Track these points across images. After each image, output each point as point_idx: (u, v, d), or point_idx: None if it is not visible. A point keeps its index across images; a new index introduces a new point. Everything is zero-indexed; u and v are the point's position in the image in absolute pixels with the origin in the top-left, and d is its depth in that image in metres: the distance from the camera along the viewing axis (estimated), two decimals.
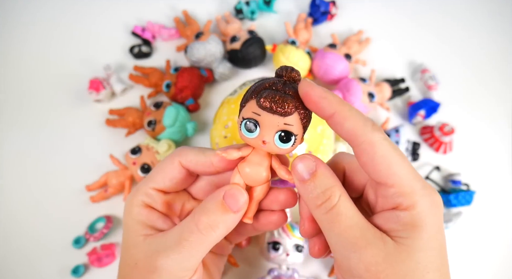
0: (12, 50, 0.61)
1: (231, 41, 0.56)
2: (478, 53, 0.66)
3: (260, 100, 0.21)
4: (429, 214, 0.20)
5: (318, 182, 0.21)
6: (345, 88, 0.53)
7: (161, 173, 0.26)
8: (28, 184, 0.50)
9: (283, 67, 0.23)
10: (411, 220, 0.19)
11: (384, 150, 0.20)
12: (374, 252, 0.18)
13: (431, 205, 0.20)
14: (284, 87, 0.21)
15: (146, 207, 0.25)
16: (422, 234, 0.19)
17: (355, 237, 0.19)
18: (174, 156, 0.25)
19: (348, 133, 0.20)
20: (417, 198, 0.19)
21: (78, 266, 0.45)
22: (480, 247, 0.51)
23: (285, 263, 0.43)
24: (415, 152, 0.53)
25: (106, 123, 0.52)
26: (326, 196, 0.20)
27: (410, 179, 0.20)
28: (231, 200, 0.23)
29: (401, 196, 0.20)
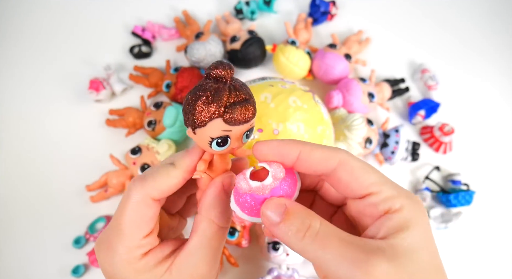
0: (12, 50, 0.61)
1: (231, 41, 0.56)
2: (478, 53, 0.66)
3: (231, 119, 0.21)
4: (418, 214, 0.20)
5: (293, 217, 0.20)
6: (345, 88, 0.53)
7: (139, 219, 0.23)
8: (28, 184, 0.50)
9: (219, 66, 0.20)
10: (404, 220, 0.20)
11: (358, 163, 0.21)
12: (376, 261, 0.18)
13: (417, 205, 0.21)
14: (237, 93, 0.21)
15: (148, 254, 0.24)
16: (415, 232, 0.19)
17: (352, 252, 0.18)
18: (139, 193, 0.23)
19: (319, 161, 0.21)
20: (403, 200, 0.20)
21: (78, 266, 0.45)
22: (480, 247, 0.51)
23: (285, 263, 0.43)
24: (415, 152, 0.53)
25: (106, 123, 0.52)
26: (306, 226, 0.20)
27: (390, 184, 0.21)
28: (230, 186, 0.25)
29: (389, 200, 0.20)
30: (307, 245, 0.19)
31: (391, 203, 0.20)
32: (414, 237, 0.19)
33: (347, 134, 0.49)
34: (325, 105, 0.48)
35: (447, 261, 0.51)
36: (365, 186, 0.21)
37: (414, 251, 0.19)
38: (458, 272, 0.49)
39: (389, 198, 0.20)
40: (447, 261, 0.52)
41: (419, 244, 0.19)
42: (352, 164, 0.21)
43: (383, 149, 0.53)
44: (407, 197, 0.21)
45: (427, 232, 0.20)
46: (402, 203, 0.20)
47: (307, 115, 0.41)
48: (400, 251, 0.19)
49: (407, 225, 0.19)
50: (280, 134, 0.39)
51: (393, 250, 0.19)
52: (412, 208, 0.20)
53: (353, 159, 0.21)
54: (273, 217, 0.20)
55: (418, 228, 0.20)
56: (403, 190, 0.21)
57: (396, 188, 0.21)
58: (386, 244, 0.19)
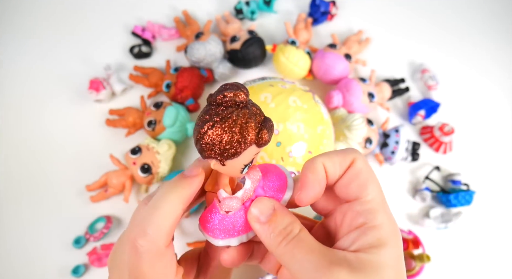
0: (12, 50, 0.61)
1: (231, 41, 0.56)
2: (478, 53, 0.66)
3: (264, 142, 0.20)
4: (394, 236, 0.20)
5: (278, 220, 0.21)
6: (345, 88, 0.53)
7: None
8: (28, 183, 0.50)
9: (232, 89, 0.19)
10: (378, 238, 0.20)
11: (365, 166, 0.22)
12: (338, 271, 0.19)
13: (395, 229, 0.21)
14: (259, 114, 0.20)
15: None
16: (386, 252, 0.20)
17: (318, 260, 0.19)
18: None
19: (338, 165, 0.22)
20: (386, 219, 0.21)
21: (78, 266, 0.45)
22: (480, 247, 0.51)
23: None
24: (415, 152, 0.53)
25: (106, 123, 0.52)
26: (288, 231, 0.21)
27: (380, 199, 0.21)
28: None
29: (371, 213, 0.21)
30: (281, 248, 0.21)
31: (371, 216, 0.20)
32: (384, 255, 0.19)
33: (347, 134, 0.49)
34: (325, 105, 0.48)
35: (447, 261, 0.51)
36: (359, 188, 0.21)
37: (380, 268, 0.19)
38: (458, 272, 0.49)
39: (372, 211, 0.21)
40: (447, 261, 0.52)
41: (387, 263, 0.19)
42: (359, 165, 0.22)
43: (383, 149, 0.53)
44: (389, 219, 0.21)
45: (398, 254, 0.20)
46: (382, 220, 0.20)
47: (307, 115, 0.41)
48: (366, 265, 0.19)
49: (381, 243, 0.20)
50: (280, 134, 0.39)
51: (360, 264, 0.19)
52: (388, 229, 0.20)
53: (362, 159, 0.22)
54: (260, 217, 0.21)
55: (390, 248, 0.20)
56: (386, 208, 0.21)
57: (383, 204, 0.21)
58: (355, 257, 0.19)
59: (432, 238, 0.50)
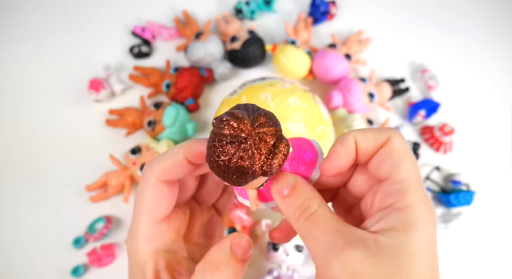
0: (12, 50, 0.61)
1: (231, 41, 0.56)
2: (479, 53, 0.66)
3: (269, 172, 0.19)
4: (425, 222, 0.19)
5: (297, 195, 0.21)
6: (345, 88, 0.53)
7: (149, 202, 0.23)
8: (28, 184, 0.50)
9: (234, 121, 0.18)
10: (404, 221, 0.19)
11: (402, 144, 0.21)
12: (352, 252, 0.18)
13: (428, 213, 0.19)
14: (266, 142, 0.19)
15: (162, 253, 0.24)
16: (412, 238, 0.18)
17: (333, 239, 0.19)
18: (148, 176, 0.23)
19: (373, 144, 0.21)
20: (415, 200, 0.19)
21: (78, 266, 0.45)
22: (480, 247, 0.51)
23: (285, 263, 0.43)
24: (415, 152, 0.53)
25: (106, 123, 0.52)
26: (305, 206, 0.21)
27: (414, 179, 0.20)
28: (239, 249, 0.22)
29: (401, 194, 0.19)
30: (299, 223, 0.21)
31: (400, 198, 0.19)
32: (406, 241, 0.18)
33: None
34: (325, 105, 0.48)
35: (447, 261, 0.51)
36: (394, 169, 0.20)
37: (400, 256, 0.18)
38: (458, 272, 0.49)
39: (402, 193, 0.19)
40: (447, 261, 0.52)
41: (409, 250, 0.18)
42: (396, 143, 0.21)
43: None
44: (424, 202, 0.19)
45: (425, 242, 0.19)
46: (415, 203, 0.19)
47: (307, 115, 0.41)
48: (384, 249, 0.18)
49: (406, 227, 0.18)
50: None
51: (377, 247, 0.18)
52: (422, 214, 0.19)
53: (400, 139, 0.21)
54: (280, 191, 0.22)
55: (416, 234, 0.18)
56: (422, 191, 0.20)
57: (417, 186, 0.20)
58: (373, 239, 0.18)
59: None
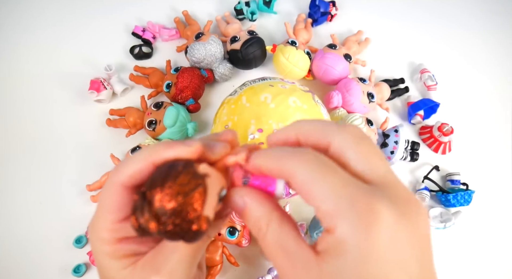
0: (14, 50, 0.61)
1: (231, 41, 0.57)
2: (477, 54, 0.66)
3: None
4: (352, 237, 0.17)
5: (248, 216, 0.21)
6: (344, 88, 0.53)
7: (109, 205, 0.23)
8: (29, 183, 0.51)
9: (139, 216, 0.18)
10: (332, 243, 0.18)
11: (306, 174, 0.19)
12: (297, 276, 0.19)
13: (357, 225, 0.17)
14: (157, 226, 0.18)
15: (121, 241, 0.24)
16: (341, 259, 0.17)
17: (281, 263, 0.19)
18: (112, 181, 0.23)
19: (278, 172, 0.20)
20: (338, 220, 0.18)
21: (79, 265, 0.45)
22: (479, 246, 0.51)
23: None
24: (414, 152, 0.53)
25: (107, 123, 0.52)
26: (257, 227, 0.21)
27: (335, 197, 0.18)
28: None
29: (324, 219, 0.18)
30: (259, 242, 0.21)
31: (325, 221, 0.18)
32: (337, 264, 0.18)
33: None
34: (325, 105, 0.49)
35: (446, 261, 0.51)
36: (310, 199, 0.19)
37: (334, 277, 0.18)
38: (457, 271, 0.49)
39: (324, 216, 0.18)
40: (446, 260, 0.52)
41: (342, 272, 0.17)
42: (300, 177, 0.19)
43: (382, 149, 0.53)
44: (349, 215, 0.17)
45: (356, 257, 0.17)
46: (335, 223, 0.18)
47: (307, 115, 0.41)
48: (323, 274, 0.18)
49: (335, 249, 0.18)
50: None
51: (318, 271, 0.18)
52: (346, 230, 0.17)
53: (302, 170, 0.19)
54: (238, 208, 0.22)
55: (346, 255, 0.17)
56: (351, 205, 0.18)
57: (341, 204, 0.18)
58: (315, 262, 0.19)
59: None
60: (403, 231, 0.17)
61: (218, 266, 0.43)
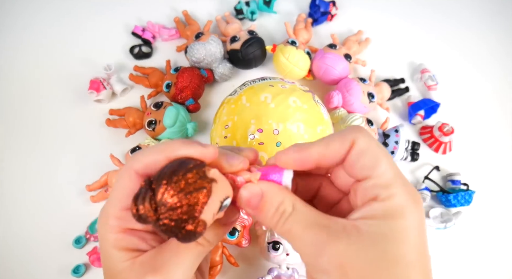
0: (13, 50, 0.61)
1: (231, 41, 0.56)
2: (478, 53, 0.66)
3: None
4: (407, 209, 0.19)
5: (269, 202, 0.21)
6: (344, 88, 0.53)
7: (121, 191, 0.23)
8: (29, 184, 0.51)
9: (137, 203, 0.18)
10: (386, 210, 0.19)
11: (368, 144, 0.21)
12: (336, 244, 0.18)
13: (410, 200, 0.19)
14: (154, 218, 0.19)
15: (126, 232, 0.23)
16: (393, 224, 0.19)
17: (315, 235, 0.19)
18: (127, 167, 0.23)
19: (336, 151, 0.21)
20: (396, 190, 0.19)
21: (79, 265, 0.45)
22: (479, 246, 0.51)
23: (285, 263, 0.43)
24: (415, 152, 0.53)
25: (107, 123, 0.52)
26: (281, 211, 0.21)
27: (392, 173, 0.20)
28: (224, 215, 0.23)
29: (379, 187, 0.20)
30: (280, 228, 0.21)
31: (380, 191, 0.20)
32: (387, 227, 0.18)
33: None
34: (325, 105, 0.49)
35: (447, 261, 0.51)
36: (366, 168, 0.20)
37: (382, 241, 0.18)
38: (458, 271, 0.49)
39: (381, 186, 0.20)
40: (446, 261, 0.52)
41: (392, 236, 0.18)
42: (361, 145, 0.21)
43: None
44: (403, 190, 0.20)
45: (411, 226, 0.19)
46: (393, 193, 0.19)
47: (307, 115, 0.41)
48: (365, 236, 0.18)
49: (389, 216, 0.19)
50: (280, 134, 0.39)
51: (358, 235, 0.19)
52: (402, 202, 0.19)
53: (364, 139, 0.21)
54: (250, 204, 0.22)
55: (401, 222, 0.19)
56: (404, 184, 0.20)
57: (396, 179, 0.20)
58: (353, 227, 0.19)
59: (431, 238, 0.50)
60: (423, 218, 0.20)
61: (218, 266, 0.43)
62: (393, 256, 0.18)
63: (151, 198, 0.18)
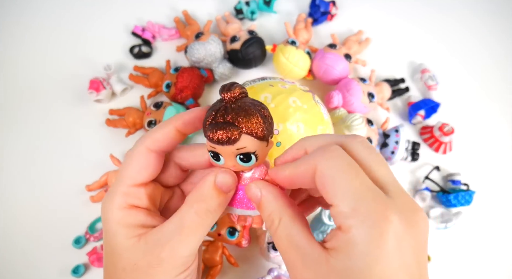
0: (13, 50, 0.61)
1: (231, 41, 0.56)
2: (478, 53, 0.66)
3: (208, 137, 0.22)
4: (365, 242, 0.18)
5: (263, 208, 0.22)
6: (345, 88, 0.53)
7: (132, 166, 0.24)
8: (29, 184, 0.51)
9: (223, 87, 0.22)
10: (344, 242, 0.18)
11: (330, 170, 0.19)
12: (308, 273, 0.19)
13: (372, 232, 0.18)
14: (225, 114, 0.21)
15: (131, 208, 0.24)
16: (351, 259, 0.18)
17: (292, 258, 0.20)
18: (138, 145, 0.24)
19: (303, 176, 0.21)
20: (354, 222, 0.18)
21: (78, 265, 0.45)
22: (480, 247, 0.51)
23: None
24: (415, 152, 0.53)
25: (107, 123, 0.52)
26: (270, 221, 0.22)
27: (355, 199, 0.18)
28: (223, 183, 0.23)
29: (338, 217, 0.19)
30: (271, 234, 0.22)
31: (340, 220, 0.19)
32: (348, 261, 0.18)
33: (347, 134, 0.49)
34: (325, 105, 0.48)
35: (447, 261, 0.51)
36: (327, 195, 0.20)
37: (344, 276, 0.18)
38: (458, 272, 0.49)
39: (342, 216, 0.19)
40: (447, 261, 0.52)
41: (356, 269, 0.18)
42: (321, 171, 0.20)
43: (383, 149, 0.53)
44: (365, 218, 0.18)
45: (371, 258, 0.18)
46: (350, 224, 0.18)
47: (307, 115, 0.41)
48: (331, 269, 0.19)
49: (347, 248, 0.18)
50: (280, 134, 0.39)
51: (327, 267, 0.19)
52: (360, 233, 0.18)
53: (326, 163, 0.20)
54: (254, 200, 0.23)
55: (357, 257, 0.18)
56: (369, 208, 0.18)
57: (360, 205, 0.18)
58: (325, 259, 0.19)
59: (431, 238, 0.50)
60: (409, 240, 0.18)
61: (218, 266, 0.43)
62: None
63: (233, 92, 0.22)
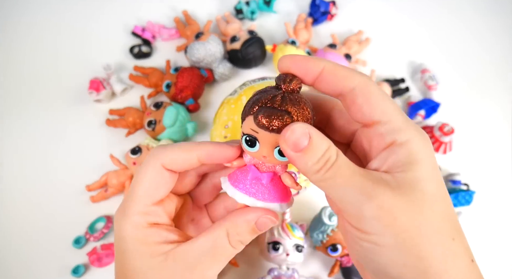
0: (13, 50, 0.61)
1: (231, 41, 0.56)
2: (478, 53, 0.66)
3: (257, 119, 0.20)
4: (424, 149, 0.20)
5: (315, 148, 0.20)
6: None
7: (149, 183, 0.23)
8: (29, 184, 0.50)
9: (282, 76, 0.21)
10: (409, 154, 0.20)
11: (376, 89, 0.21)
12: (382, 192, 0.19)
13: (424, 141, 0.20)
14: (282, 103, 0.20)
15: (153, 226, 0.23)
16: (421, 167, 0.19)
17: (362, 183, 0.19)
18: (154, 160, 0.23)
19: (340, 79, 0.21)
20: (412, 133, 0.20)
21: (78, 266, 0.45)
22: (479, 247, 0.51)
23: (285, 263, 0.43)
24: None
25: (106, 123, 0.52)
26: (326, 158, 0.20)
27: (402, 116, 0.21)
28: (263, 226, 0.23)
29: (396, 132, 0.20)
30: (321, 176, 0.20)
31: (397, 135, 0.20)
32: (419, 171, 0.19)
33: None
34: None
35: None
36: (376, 112, 0.20)
37: (420, 184, 0.19)
38: None
39: (396, 130, 0.20)
40: None
41: (423, 176, 0.19)
42: (370, 88, 0.21)
43: None
44: (415, 130, 0.20)
45: (432, 166, 0.20)
46: (409, 136, 0.20)
47: None
48: (405, 183, 0.19)
49: (413, 160, 0.19)
50: None
51: (397, 182, 0.19)
52: (418, 142, 0.20)
53: (372, 84, 0.21)
54: (296, 145, 0.20)
55: (423, 163, 0.19)
56: (412, 124, 0.21)
57: (406, 121, 0.21)
58: (391, 177, 0.20)
59: None
60: None
61: None
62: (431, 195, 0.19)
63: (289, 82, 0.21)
